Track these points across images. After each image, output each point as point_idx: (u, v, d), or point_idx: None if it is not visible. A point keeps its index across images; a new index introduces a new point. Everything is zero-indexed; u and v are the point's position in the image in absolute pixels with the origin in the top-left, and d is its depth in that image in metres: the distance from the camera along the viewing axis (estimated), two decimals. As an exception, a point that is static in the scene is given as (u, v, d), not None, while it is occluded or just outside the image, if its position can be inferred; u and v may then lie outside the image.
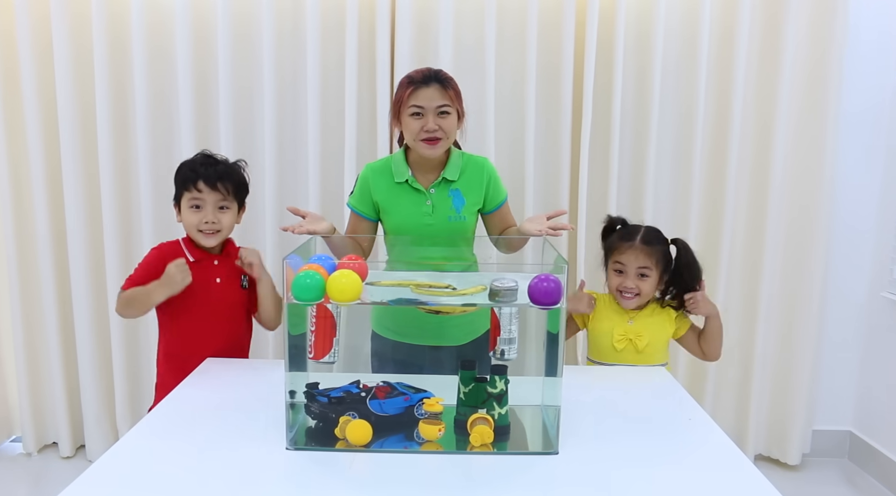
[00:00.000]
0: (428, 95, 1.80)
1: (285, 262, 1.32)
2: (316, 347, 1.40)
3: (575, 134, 2.65)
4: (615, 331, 1.96)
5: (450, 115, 1.83)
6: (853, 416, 2.92)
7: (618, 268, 1.97)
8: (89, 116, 2.64)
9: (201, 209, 1.83)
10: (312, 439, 1.39)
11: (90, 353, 2.74)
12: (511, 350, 1.41)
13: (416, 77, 1.83)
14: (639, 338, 1.95)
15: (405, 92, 1.82)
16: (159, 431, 1.42)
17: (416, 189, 1.90)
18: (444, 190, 1.91)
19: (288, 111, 2.66)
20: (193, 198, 1.83)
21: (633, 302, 1.96)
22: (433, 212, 1.89)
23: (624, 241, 1.97)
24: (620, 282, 1.96)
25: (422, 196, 1.90)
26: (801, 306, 2.76)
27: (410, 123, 1.82)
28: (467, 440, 1.35)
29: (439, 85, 1.82)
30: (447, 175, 1.90)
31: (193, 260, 1.86)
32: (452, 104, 1.83)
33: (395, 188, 1.91)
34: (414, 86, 1.82)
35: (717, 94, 2.66)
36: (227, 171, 1.87)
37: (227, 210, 1.87)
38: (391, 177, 1.91)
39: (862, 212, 2.80)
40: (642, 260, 1.93)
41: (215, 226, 1.84)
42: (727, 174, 2.66)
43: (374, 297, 1.42)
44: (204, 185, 1.82)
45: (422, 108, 1.80)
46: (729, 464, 1.31)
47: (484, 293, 1.37)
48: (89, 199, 2.69)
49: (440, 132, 1.81)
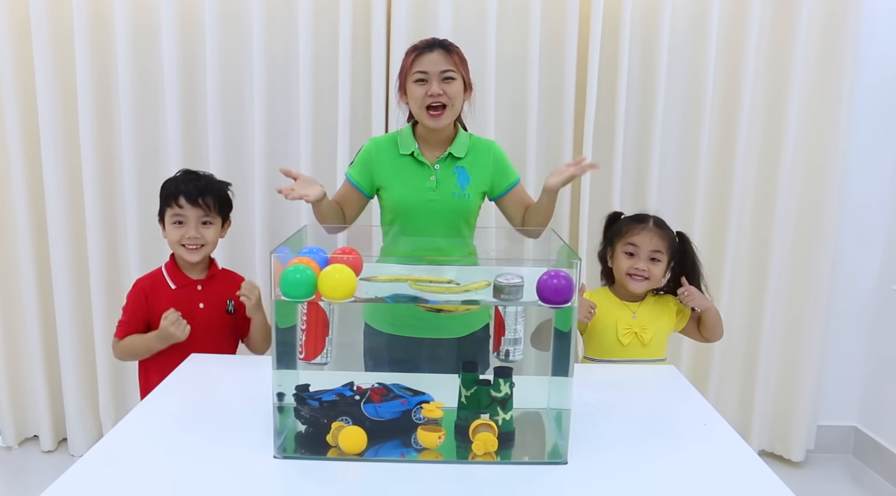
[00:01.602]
0: (432, 60, 1.76)
1: (273, 256, 1.22)
2: (307, 347, 1.30)
3: (578, 114, 2.55)
4: (619, 325, 1.90)
5: (454, 81, 1.78)
6: (858, 412, 2.86)
7: (629, 251, 1.91)
8: (70, 99, 2.52)
9: (184, 225, 1.83)
10: (302, 446, 1.30)
11: (71, 344, 2.64)
12: (516, 351, 1.31)
13: (420, 44, 1.81)
14: (644, 331, 1.90)
15: (409, 59, 1.80)
16: (143, 434, 1.33)
17: (420, 162, 1.85)
18: (449, 166, 1.85)
19: (279, 89, 2.54)
20: (176, 214, 1.83)
21: (642, 285, 1.90)
22: (437, 187, 1.83)
23: (637, 223, 1.94)
24: (632, 264, 1.90)
25: (426, 170, 1.84)
26: (807, 300, 2.68)
27: (415, 90, 1.78)
28: (469, 448, 1.26)
29: (443, 50, 1.78)
30: (454, 151, 1.85)
31: (175, 287, 1.85)
32: (457, 70, 1.79)
33: (400, 160, 1.85)
34: (417, 52, 1.79)
35: (727, 76, 2.56)
36: (208, 187, 1.86)
37: (211, 225, 1.86)
38: (396, 149, 1.86)
39: (871, 204, 2.72)
40: (656, 243, 1.90)
41: (198, 240, 1.83)
42: (735, 163, 2.58)
43: (369, 294, 1.32)
44: (185, 201, 1.82)
45: (425, 73, 1.76)
46: (749, 474, 1.22)
47: (488, 289, 1.27)
48: (70, 186, 2.58)
49: (444, 97, 1.76)
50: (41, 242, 2.62)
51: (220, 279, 1.91)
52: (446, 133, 1.85)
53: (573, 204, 2.60)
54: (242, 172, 2.55)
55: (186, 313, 1.81)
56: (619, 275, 1.93)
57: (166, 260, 1.91)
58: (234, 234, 2.53)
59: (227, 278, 1.94)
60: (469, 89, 1.85)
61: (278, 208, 2.58)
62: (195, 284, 1.87)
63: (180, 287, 1.85)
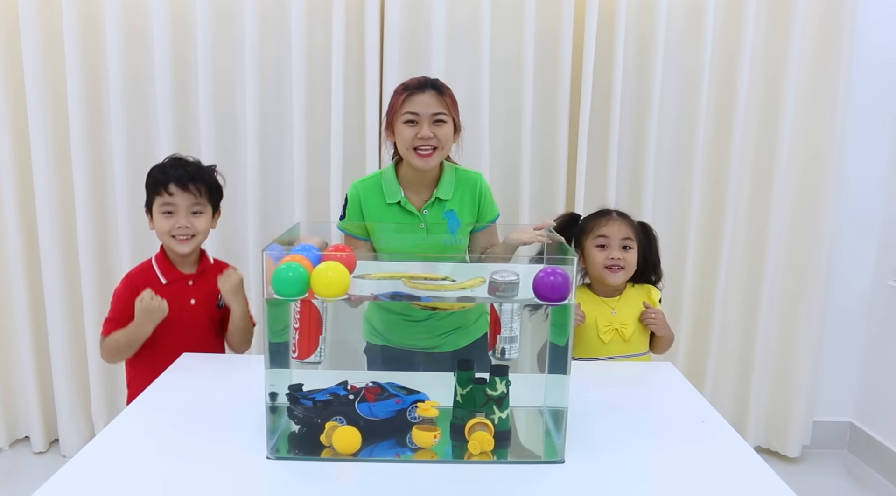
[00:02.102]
0: (423, 102, 1.72)
1: (265, 254, 1.20)
2: (300, 346, 1.28)
3: (573, 110, 2.53)
4: (599, 323, 1.90)
5: (445, 124, 1.74)
6: (854, 407, 2.85)
7: (601, 243, 1.92)
8: (60, 100, 2.49)
9: (174, 214, 1.75)
10: (296, 447, 1.28)
11: (63, 344, 2.61)
12: (512, 349, 1.30)
13: (411, 84, 1.75)
14: (625, 326, 1.90)
15: (399, 98, 1.75)
16: (134, 432, 1.32)
17: (408, 211, 1.81)
18: (437, 211, 1.82)
19: (272, 90, 2.51)
20: (165, 203, 1.75)
21: (619, 275, 1.90)
22: (428, 235, 1.81)
23: (602, 216, 1.95)
24: (606, 254, 1.90)
25: (415, 218, 1.81)
26: (804, 295, 2.68)
27: (404, 131, 1.73)
28: (465, 447, 1.24)
29: (435, 91, 1.74)
30: (440, 194, 1.81)
31: (166, 282, 1.78)
32: (448, 113, 1.75)
33: (387, 209, 1.81)
34: (409, 92, 1.73)
35: (722, 71, 2.55)
36: (198, 172, 1.78)
37: (201, 214, 1.78)
38: (382, 197, 1.81)
39: (868, 200, 2.71)
40: (624, 230, 1.92)
41: (189, 230, 1.75)
42: (730, 160, 2.56)
43: (363, 292, 1.30)
44: (175, 188, 1.74)
45: (416, 114, 1.72)
46: (750, 476, 1.21)
47: (483, 286, 1.25)
48: (60, 188, 2.55)
49: (434, 140, 1.72)
50: (31, 242, 2.59)
51: (210, 273, 1.84)
52: (432, 174, 1.81)
53: (568, 201, 2.58)
54: (234, 169, 2.52)
55: (177, 310, 1.75)
56: (595, 270, 1.92)
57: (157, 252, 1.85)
58: (226, 232, 2.52)
59: (219, 271, 1.85)
60: (458, 131, 1.80)
61: (271, 205, 2.55)
62: (186, 279, 1.80)
63: (171, 282, 1.79)
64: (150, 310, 1.69)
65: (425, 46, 2.44)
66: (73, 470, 1.16)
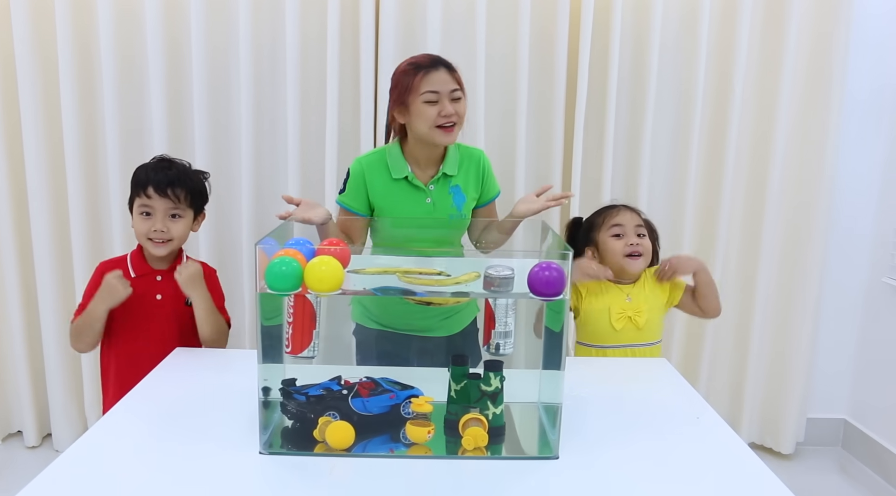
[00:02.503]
0: (441, 79, 1.71)
1: (258, 248, 1.19)
2: (294, 341, 1.28)
3: (569, 113, 2.52)
4: (612, 309, 1.87)
5: (462, 100, 1.75)
6: (848, 405, 2.86)
7: (616, 233, 1.90)
8: (52, 89, 2.47)
9: (151, 216, 1.73)
10: (289, 442, 1.27)
11: (55, 338, 2.59)
12: (507, 344, 1.29)
13: (423, 62, 1.73)
14: (638, 314, 1.87)
15: (414, 78, 1.71)
16: (126, 427, 1.31)
17: (415, 186, 1.80)
18: (444, 186, 1.82)
19: (266, 84, 2.50)
20: (143, 204, 1.73)
21: (640, 262, 1.89)
22: (434, 209, 1.81)
23: (611, 209, 1.95)
24: (625, 241, 1.88)
25: (422, 193, 1.81)
26: (798, 292, 2.68)
27: (425, 110, 1.70)
28: (459, 443, 1.24)
29: (447, 68, 1.73)
30: (446, 170, 1.81)
31: (135, 275, 1.76)
32: (461, 88, 1.75)
33: (393, 185, 1.80)
34: (424, 70, 1.71)
35: (717, 76, 2.55)
36: (179, 177, 1.75)
37: (180, 219, 1.75)
38: (387, 172, 1.80)
39: (862, 198, 2.72)
40: (636, 219, 1.93)
41: (164, 234, 1.73)
42: (725, 161, 2.56)
43: (357, 286, 1.29)
44: (153, 192, 1.71)
45: (437, 93, 1.70)
46: (744, 472, 1.21)
47: (477, 281, 1.25)
48: (53, 176, 2.53)
49: (456, 116, 1.72)
50: (23, 236, 2.57)
51: None
52: (438, 150, 1.81)
53: (563, 206, 2.57)
54: (229, 163, 2.51)
55: (143, 304, 1.73)
56: (615, 259, 1.89)
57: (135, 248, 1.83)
58: (220, 227, 2.51)
59: None
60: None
61: (265, 199, 2.54)
62: (155, 274, 1.78)
63: (139, 276, 1.76)
64: (110, 287, 1.66)
65: (420, 41, 2.43)
66: (64, 464, 1.16)
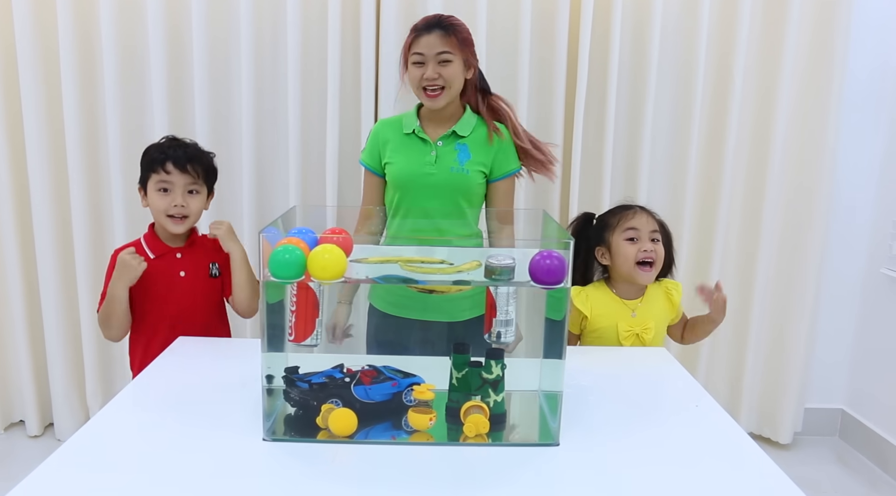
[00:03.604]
0: (428, 42, 1.76)
1: (262, 236, 1.20)
2: (297, 329, 1.28)
3: (568, 107, 2.53)
4: (620, 326, 1.82)
5: (451, 64, 1.77)
6: (845, 394, 2.88)
7: (630, 236, 1.82)
8: (53, 80, 2.47)
9: (169, 192, 1.75)
10: (292, 429, 1.28)
11: (57, 327, 2.61)
12: (508, 333, 1.30)
13: (420, 24, 1.80)
14: (645, 331, 1.82)
15: (408, 40, 1.81)
16: (130, 415, 1.32)
17: (422, 139, 1.86)
18: (451, 143, 1.86)
19: (266, 70, 2.50)
20: (161, 180, 1.75)
21: (651, 272, 1.82)
22: (436, 162, 1.83)
23: (626, 210, 1.87)
24: (638, 247, 1.80)
25: (427, 146, 1.85)
26: (797, 283, 2.69)
27: (412, 72, 1.80)
28: (460, 430, 1.25)
29: (441, 31, 1.76)
30: (458, 129, 1.85)
31: (154, 256, 1.78)
32: (455, 51, 1.77)
33: (403, 138, 1.87)
34: (416, 33, 1.79)
35: (718, 64, 2.55)
36: (196, 154, 1.79)
37: (197, 194, 1.78)
38: (401, 128, 1.88)
39: (861, 189, 2.73)
40: (652, 223, 1.85)
41: (184, 210, 1.75)
42: (725, 151, 2.57)
43: (360, 275, 1.30)
44: (173, 167, 1.74)
45: (422, 55, 1.77)
46: (740, 454, 1.22)
47: (479, 270, 1.25)
48: (55, 166, 2.54)
49: (440, 80, 1.76)
50: (25, 226, 2.58)
51: (200, 244, 1.84)
52: (450, 111, 1.85)
53: (563, 192, 2.58)
54: (230, 149, 2.51)
55: (167, 283, 1.76)
56: (626, 266, 1.82)
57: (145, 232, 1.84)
58: (221, 213, 2.51)
59: (209, 242, 1.85)
60: (472, 69, 1.83)
61: (267, 187, 2.54)
62: (174, 252, 1.79)
63: (159, 256, 1.78)
64: (124, 263, 1.67)
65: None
66: (67, 453, 1.16)
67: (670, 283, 1.92)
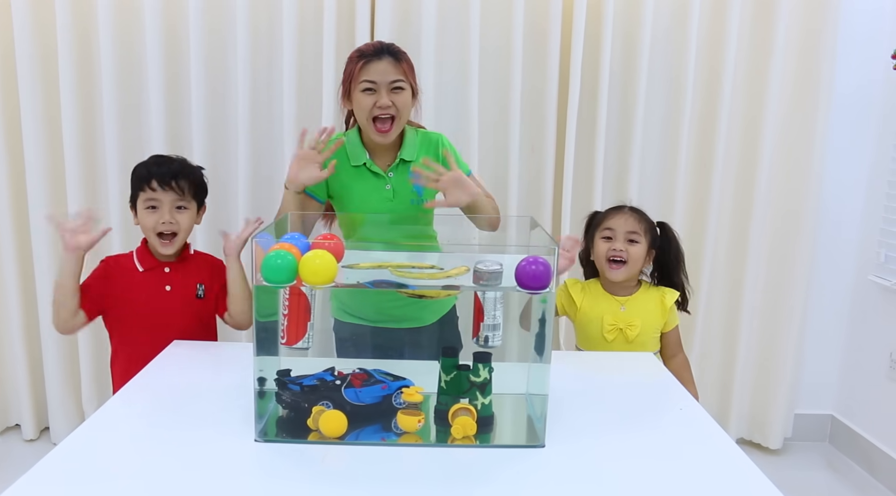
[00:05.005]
0: (380, 69, 1.69)
1: (254, 241, 1.23)
2: (289, 332, 1.31)
3: (561, 107, 2.56)
4: (605, 319, 1.88)
5: (403, 91, 1.72)
6: (835, 400, 2.89)
7: (606, 235, 1.90)
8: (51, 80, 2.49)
9: (157, 210, 1.75)
10: (283, 430, 1.31)
11: (53, 332, 2.48)
12: (495, 336, 1.33)
13: (367, 50, 1.73)
14: (630, 327, 1.87)
15: (355, 66, 1.72)
16: (123, 417, 1.34)
17: (374, 172, 1.79)
18: (403, 172, 1.80)
19: (262, 78, 2.52)
20: (149, 198, 1.75)
21: (621, 271, 1.87)
22: (394, 197, 1.80)
23: (613, 210, 1.95)
24: (609, 247, 1.88)
25: (381, 180, 1.80)
26: (786, 289, 2.71)
27: (362, 100, 1.71)
28: (448, 432, 1.28)
29: (392, 58, 1.71)
30: (404, 155, 1.80)
31: (142, 269, 1.78)
32: (406, 79, 1.73)
33: (352, 172, 1.79)
34: (365, 59, 1.70)
35: (708, 69, 2.58)
36: (181, 170, 1.78)
37: (185, 210, 1.78)
38: (347, 159, 1.79)
39: (850, 195, 2.75)
40: (631, 224, 1.89)
41: (172, 226, 1.75)
42: (715, 157, 2.59)
43: (350, 280, 1.33)
44: (157, 185, 1.74)
45: (374, 83, 1.69)
46: (724, 459, 1.25)
47: (467, 275, 1.28)
48: (51, 172, 2.56)
49: (393, 109, 1.70)
50: (22, 230, 2.59)
51: (191, 262, 1.83)
52: (394, 137, 1.78)
53: (555, 198, 2.61)
54: (227, 156, 2.54)
55: (151, 296, 1.76)
56: (599, 263, 1.92)
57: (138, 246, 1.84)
58: (215, 221, 2.52)
59: (201, 261, 1.85)
60: (415, 96, 1.78)
61: (262, 194, 2.56)
62: (163, 266, 1.79)
63: (147, 269, 1.78)
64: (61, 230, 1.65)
65: (415, 36, 2.45)
66: (60, 455, 1.18)
67: (667, 290, 1.95)
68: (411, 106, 1.77)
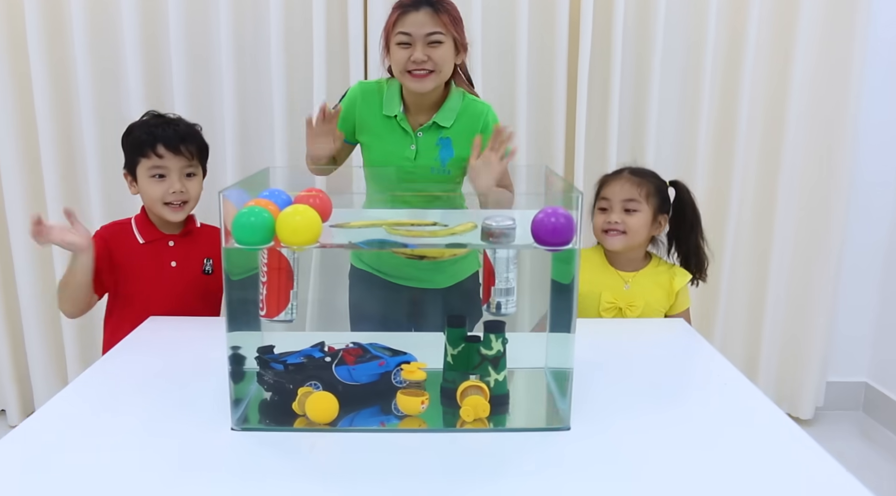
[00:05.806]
0: (417, 21, 1.58)
1: (222, 197, 1.04)
2: (268, 303, 1.13)
3: (571, 61, 2.36)
4: (604, 295, 1.71)
5: (442, 45, 1.60)
6: (869, 366, 2.75)
7: (602, 206, 1.75)
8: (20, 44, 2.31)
9: (166, 178, 1.60)
10: (265, 416, 1.14)
11: (36, 313, 2.49)
12: (509, 303, 1.15)
13: (406, 0, 1.62)
14: (630, 308, 1.70)
15: (393, 17, 1.63)
16: (87, 402, 1.18)
17: (403, 128, 1.68)
18: (432, 136, 1.69)
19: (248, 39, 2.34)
20: (154, 166, 1.59)
21: (617, 240, 1.71)
22: (416, 157, 1.68)
23: (611, 176, 1.77)
24: (604, 219, 1.72)
25: (407, 138, 1.69)
26: (817, 253, 2.55)
27: (396, 53, 1.61)
28: (457, 414, 1.10)
29: (431, 9, 1.59)
30: (439, 120, 1.68)
31: (144, 241, 1.64)
32: (446, 31, 1.60)
33: (382, 121, 1.70)
34: (402, 10, 1.60)
35: (730, 18, 2.39)
36: (187, 132, 1.63)
37: (194, 176, 1.64)
38: (380, 106, 1.70)
39: (885, 156, 2.56)
40: (628, 190, 1.72)
41: (183, 195, 1.61)
42: (739, 109, 2.40)
43: (338, 240, 1.15)
44: (165, 150, 1.58)
45: (409, 35, 1.59)
46: (788, 444, 1.07)
47: (475, 232, 1.10)
48: (25, 139, 2.38)
49: (430, 63, 1.59)
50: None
51: (197, 235, 1.70)
52: (434, 96, 1.68)
53: (567, 160, 2.42)
54: (212, 118, 2.35)
55: (155, 272, 1.62)
56: (596, 234, 1.76)
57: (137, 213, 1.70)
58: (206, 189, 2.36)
59: (207, 234, 1.72)
60: (462, 50, 1.67)
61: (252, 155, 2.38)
62: (167, 239, 1.66)
63: (149, 242, 1.64)
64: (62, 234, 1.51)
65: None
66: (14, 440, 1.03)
67: (678, 271, 1.78)
68: (453, 61, 1.65)
